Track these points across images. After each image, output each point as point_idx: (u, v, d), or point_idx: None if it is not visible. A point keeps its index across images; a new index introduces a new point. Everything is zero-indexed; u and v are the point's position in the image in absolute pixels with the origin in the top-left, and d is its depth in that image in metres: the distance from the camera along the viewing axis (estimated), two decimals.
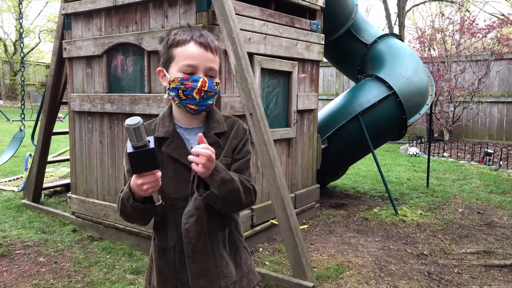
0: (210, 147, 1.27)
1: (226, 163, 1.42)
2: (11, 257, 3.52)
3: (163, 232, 1.43)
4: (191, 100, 1.35)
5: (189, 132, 1.44)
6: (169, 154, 1.39)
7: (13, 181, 6.07)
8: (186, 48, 1.36)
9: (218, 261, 1.41)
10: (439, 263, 3.50)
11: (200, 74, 1.35)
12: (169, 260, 1.42)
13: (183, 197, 1.38)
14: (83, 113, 4.09)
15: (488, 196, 5.57)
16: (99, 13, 3.88)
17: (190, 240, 1.38)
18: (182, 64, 1.35)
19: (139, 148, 1.19)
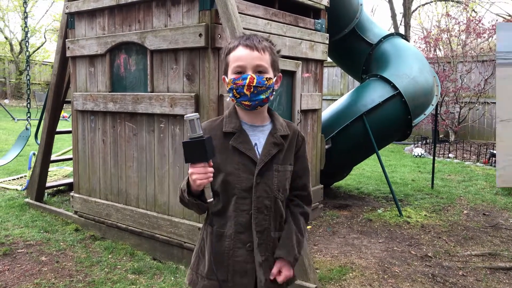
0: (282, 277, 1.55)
1: (291, 170, 1.59)
2: (13, 256, 3.52)
3: (223, 219, 1.54)
4: (243, 97, 1.47)
5: (253, 129, 1.56)
6: (236, 147, 1.52)
7: (16, 180, 6.08)
8: (235, 52, 1.50)
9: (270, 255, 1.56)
10: (444, 265, 3.46)
11: (249, 72, 1.47)
12: (224, 247, 1.53)
13: (247, 187, 1.51)
14: (86, 112, 4.08)
15: (494, 197, 5.51)
16: (102, 12, 3.87)
17: (257, 233, 1.52)
18: (233, 66, 1.49)
19: (193, 138, 1.32)
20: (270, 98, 1.52)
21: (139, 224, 3.67)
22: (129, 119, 3.73)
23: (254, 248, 1.52)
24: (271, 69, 1.51)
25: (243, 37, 1.52)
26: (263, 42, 1.52)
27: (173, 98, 3.34)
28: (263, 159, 1.52)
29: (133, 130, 3.71)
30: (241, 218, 1.52)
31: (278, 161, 1.55)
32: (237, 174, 1.51)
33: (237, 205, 1.52)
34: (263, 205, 1.52)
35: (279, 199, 1.56)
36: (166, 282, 3.10)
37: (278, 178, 1.54)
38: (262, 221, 1.53)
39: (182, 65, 3.34)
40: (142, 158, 3.66)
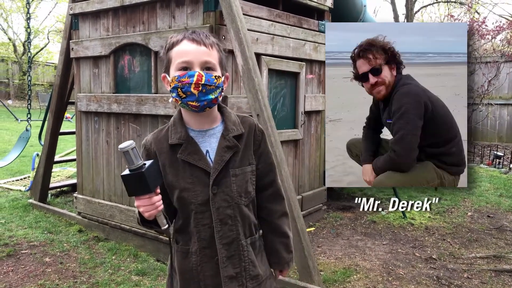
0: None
1: (252, 170, 1.45)
2: (17, 257, 3.52)
3: (187, 235, 1.44)
4: (190, 97, 1.32)
5: (202, 135, 1.42)
6: (185, 160, 1.38)
7: (20, 180, 6.09)
8: (180, 47, 1.35)
9: (246, 264, 1.45)
10: (448, 267, 3.45)
11: (196, 69, 1.33)
12: (192, 264, 1.44)
13: (203, 200, 1.39)
14: (90, 113, 4.08)
15: (498, 199, 5.49)
16: (106, 13, 3.88)
17: (223, 246, 1.41)
18: (177, 62, 1.34)
19: (132, 171, 1.21)
20: (219, 99, 1.38)
21: None
22: (133, 120, 3.73)
23: (221, 261, 1.41)
24: (219, 67, 1.38)
25: (188, 31, 1.39)
26: (210, 37, 1.39)
27: None
28: (216, 167, 1.38)
29: (137, 131, 3.71)
30: (203, 233, 1.41)
31: (235, 165, 1.41)
32: (192, 189, 1.38)
33: (197, 220, 1.40)
34: (225, 215, 1.40)
35: (242, 204, 1.43)
36: None
37: (237, 183, 1.41)
38: (228, 232, 1.41)
39: None
40: None
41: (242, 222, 1.43)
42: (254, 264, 1.47)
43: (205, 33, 1.38)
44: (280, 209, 1.54)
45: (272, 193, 1.53)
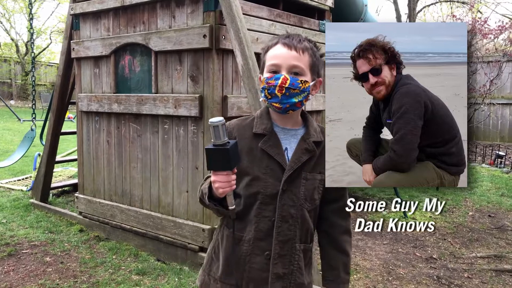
0: None
1: (321, 179, 1.49)
2: (18, 256, 3.53)
3: (243, 223, 1.45)
4: (274, 98, 1.38)
5: (285, 133, 1.47)
6: (265, 150, 1.43)
7: (22, 180, 6.11)
8: (273, 51, 1.41)
9: (295, 268, 1.45)
10: (449, 267, 3.44)
11: (283, 72, 1.38)
12: (241, 253, 1.44)
13: (272, 193, 1.42)
14: (91, 113, 4.09)
15: (500, 199, 5.48)
16: (107, 13, 3.89)
17: (278, 243, 1.42)
18: (268, 65, 1.41)
19: (216, 145, 1.25)
20: (304, 103, 1.44)
21: (143, 225, 3.68)
22: (134, 120, 3.74)
23: (272, 258, 1.42)
24: (309, 72, 1.43)
25: (284, 36, 1.44)
26: (304, 42, 1.43)
27: (177, 99, 3.34)
28: (292, 165, 1.43)
29: (138, 131, 3.72)
30: (263, 224, 1.43)
31: (308, 169, 1.46)
32: (264, 179, 1.42)
33: (259, 210, 1.43)
34: (288, 213, 1.43)
35: (305, 209, 1.45)
36: (170, 283, 3.10)
37: (306, 186, 1.45)
38: (287, 231, 1.43)
39: (186, 66, 3.35)
40: (146, 159, 3.67)
41: (301, 225, 1.45)
42: (301, 271, 1.47)
43: (299, 38, 1.43)
44: (344, 225, 1.57)
45: (339, 207, 1.56)
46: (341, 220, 1.56)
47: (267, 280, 1.43)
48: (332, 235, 1.55)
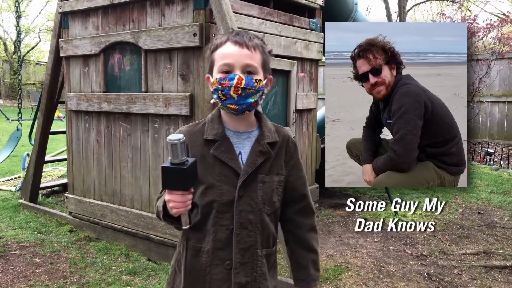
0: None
1: (279, 180, 1.44)
2: (7, 257, 3.49)
3: (201, 234, 1.41)
4: (230, 100, 1.33)
5: (238, 136, 1.42)
6: (217, 156, 1.38)
7: (10, 180, 6.04)
8: (223, 49, 1.36)
9: (258, 275, 1.42)
10: (439, 264, 3.47)
11: (237, 72, 1.33)
12: (201, 264, 1.40)
13: (228, 200, 1.38)
14: (80, 112, 4.06)
15: (489, 196, 5.53)
16: (96, 11, 3.85)
17: (239, 251, 1.39)
18: (219, 65, 1.35)
19: (173, 164, 1.19)
20: (259, 102, 1.39)
21: (134, 224, 3.66)
22: (124, 119, 3.71)
23: (234, 267, 1.38)
24: (262, 70, 1.38)
25: (232, 33, 1.39)
26: (254, 39, 1.38)
27: (168, 98, 3.32)
28: (247, 170, 1.38)
29: (128, 130, 3.69)
30: (221, 233, 1.38)
31: (264, 171, 1.40)
32: (219, 187, 1.37)
33: (216, 219, 1.38)
34: (246, 220, 1.38)
35: (265, 213, 1.41)
36: (161, 283, 3.09)
37: (264, 190, 1.40)
38: (246, 238, 1.39)
39: (176, 64, 3.33)
40: (137, 159, 3.64)
41: (261, 230, 1.41)
42: (265, 277, 1.43)
43: (249, 35, 1.38)
44: (309, 223, 1.53)
45: (303, 206, 1.52)
46: (306, 219, 1.52)
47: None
48: (298, 235, 1.52)
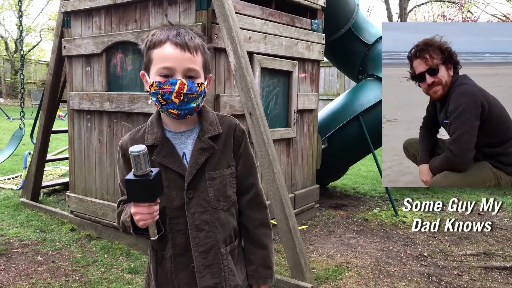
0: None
1: (231, 172, 1.38)
2: (9, 255, 3.51)
3: (162, 241, 1.37)
4: (171, 105, 1.27)
5: (179, 137, 1.37)
6: (159, 162, 1.32)
7: (12, 179, 6.06)
8: (162, 50, 1.27)
9: (226, 274, 1.38)
10: (439, 264, 3.48)
11: (178, 76, 1.26)
12: (166, 270, 1.38)
13: (178, 205, 1.34)
14: (82, 111, 4.07)
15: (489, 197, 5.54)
16: (98, 11, 3.87)
17: (200, 254, 1.35)
18: (158, 67, 1.27)
19: (137, 176, 1.16)
20: (201, 105, 1.33)
21: None
22: (126, 119, 3.73)
23: (197, 271, 1.35)
24: (203, 71, 1.32)
25: (171, 31, 1.29)
26: (195, 39, 1.30)
27: None
28: (190, 170, 1.32)
29: (130, 130, 3.70)
30: (178, 239, 1.34)
31: (211, 167, 1.35)
32: (167, 193, 1.32)
33: (171, 225, 1.34)
34: (201, 221, 1.33)
35: (221, 209, 1.36)
36: None
37: (214, 186, 1.35)
38: (205, 239, 1.34)
39: None
40: None
41: (221, 228, 1.37)
42: (234, 273, 1.40)
43: (190, 34, 1.30)
44: (259, 217, 1.46)
45: (251, 198, 1.45)
46: (256, 213, 1.45)
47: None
48: (248, 229, 1.46)
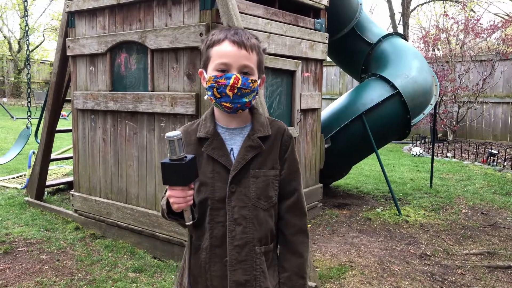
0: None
1: (275, 174, 1.43)
2: (14, 254, 3.53)
3: (201, 231, 1.42)
4: (225, 98, 1.34)
5: (229, 133, 1.44)
6: (209, 154, 1.40)
7: (16, 178, 6.09)
8: (221, 47, 1.36)
9: (258, 274, 1.40)
10: (442, 264, 3.48)
11: (234, 72, 1.34)
12: (201, 261, 1.42)
13: (221, 197, 1.39)
14: (86, 111, 4.09)
15: (492, 197, 5.54)
16: (102, 11, 3.88)
17: (234, 248, 1.38)
18: (216, 62, 1.36)
19: (172, 161, 1.22)
20: (253, 102, 1.41)
21: (140, 222, 3.69)
22: (130, 118, 3.74)
23: (230, 264, 1.38)
24: (257, 70, 1.40)
25: (230, 31, 1.38)
26: (252, 39, 1.39)
27: (174, 97, 3.35)
28: (236, 165, 1.38)
29: (134, 129, 3.73)
30: (216, 230, 1.39)
31: (256, 166, 1.40)
32: (211, 184, 1.39)
33: (211, 216, 1.39)
34: (240, 215, 1.37)
35: (260, 208, 1.40)
36: (166, 280, 3.12)
37: (257, 184, 1.39)
38: (241, 234, 1.37)
39: (182, 64, 3.36)
40: (143, 157, 3.67)
41: (258, 226, 1.40)
42: (265, 275, 1.41)
43: (247, 34, 1.39)
44: (298, 223, 1.47)
45: (293, 203, 1.47)
46: (295, 219, 1.47)
47: None
48: (286, 235, 1.47)
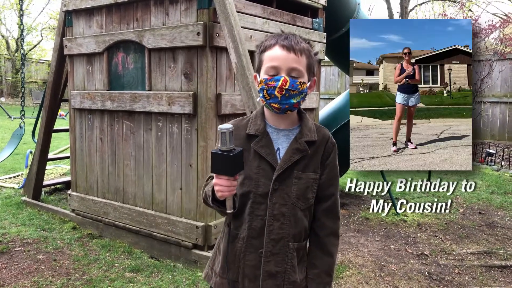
0: None
1: (315, 177, 1.51)
2: (11, 254, 3.52)
3: (239, 221, 1.51)
4: (274, 99, 1.42)
5: (278, 133, 1.51)
6: (257, 150, 1.48)
7: (13, 178, 6.07)
8: (271, 52, 1.44)
9: (288, 267, 1.49)
10: (440, 263, 3.48)
11: (282, 74, 1.42)
12: (237, 250, 1.50)
13: (263, 192, 1.47)
14: (84, 110, 4.08)
15: (490, 196, 5.55)
16: (100, 10, 3.87)
17: (270, 241, 1.47)
18: (267, 66, 1.44)
19: (221, 151, 1.31)
20: (301, 104, 1.48)
21: (137, 222, 3.68)
22: (127, 118, 3.74)
23: (264, 255, 1.47)
24: (306, 73, 1.46)
25: (281, 36, 1.46)
26: (301, 43, 1.46)
27: (171, 96, 3.34)
28: (282, 165, 1.46)
29: (131, 129, 3.72)
30: (255, 223, 1.48)
31: (300, 168, 1.48)
32: (256, 179, 1.48)
33: (252, 209, 1.48)
34: (279, 212, 1.47)
35: (298, 207, 1.49)
36: (163, 280, 3.11)
37: (298, 185, 1.48)
38: (278, 230, 1.47)
39: (180, 63, 3.35)
40: (140, 157, 3.67)
41: (294, 224, 1.48)
42: (295, 269, 1.50)
43: (297, 39, 1.45)
44: (332, 226, 1.55)
45: (329, 207, 1.54)
46: (329, 221, 1.55)
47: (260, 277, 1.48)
48: (319, 236, 1.55)
